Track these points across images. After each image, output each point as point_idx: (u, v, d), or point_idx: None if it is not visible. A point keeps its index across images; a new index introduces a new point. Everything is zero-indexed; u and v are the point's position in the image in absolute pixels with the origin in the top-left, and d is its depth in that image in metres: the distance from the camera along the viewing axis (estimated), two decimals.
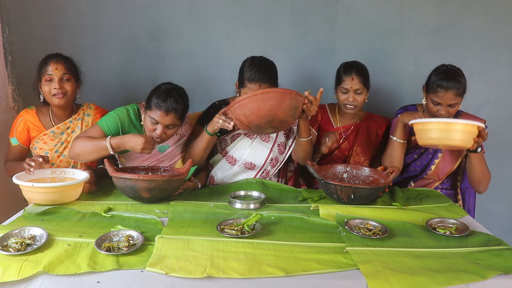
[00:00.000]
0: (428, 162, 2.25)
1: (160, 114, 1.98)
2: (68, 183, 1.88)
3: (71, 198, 1.92)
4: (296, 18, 2.71)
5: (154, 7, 2.69)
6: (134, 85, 2.74)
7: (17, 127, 2.20)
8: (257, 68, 2.07)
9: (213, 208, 1.90)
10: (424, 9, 2.68)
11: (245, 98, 1.88)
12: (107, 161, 1.93)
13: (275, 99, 1.87)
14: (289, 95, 1.89)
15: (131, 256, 1.41)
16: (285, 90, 1.90)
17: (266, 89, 1.90)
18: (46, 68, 2.12)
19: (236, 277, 1.31)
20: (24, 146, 2.22)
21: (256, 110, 1.88)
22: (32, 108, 2.24)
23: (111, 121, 2.09)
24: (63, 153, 2.22)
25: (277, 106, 1.87)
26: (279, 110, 1.88)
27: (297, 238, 1.60)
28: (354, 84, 2.23)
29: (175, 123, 2.03)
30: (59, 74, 2.12)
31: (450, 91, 2.03)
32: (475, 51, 2.71)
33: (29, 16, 2.66)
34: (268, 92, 1.87)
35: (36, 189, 1.83)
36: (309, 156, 2.21)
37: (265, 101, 1.86)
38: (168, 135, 2.06)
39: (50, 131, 2.20)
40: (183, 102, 2.03)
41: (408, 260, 1.45)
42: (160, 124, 2.00)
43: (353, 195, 1.92)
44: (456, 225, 1.73)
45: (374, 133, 2.40)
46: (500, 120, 2.73)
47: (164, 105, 1.96)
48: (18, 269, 1.31)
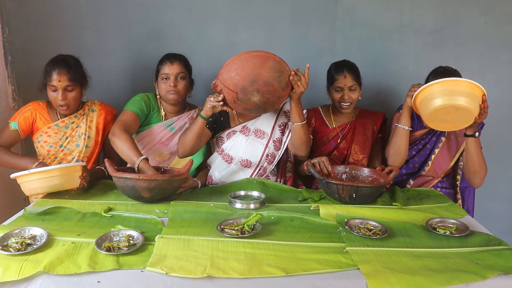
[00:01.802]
0: (426, 158, 2.27)
1: (167, 66, 2.24)
2: (64, 165, 1.93)
3: (70, 185, 1.95)
4: (296, 18, 2.71)
5: (154, 7, 2.69)
6: (134, 85, 2.74)
7: (22, 113, 2.18)
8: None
9: (213, 208, 1.90)
10: (424, 9, 2.68)
11: (230, 60, 1.94)
12: (107, 160, 1.94)
13: (258, 58, 1.91)
14: (273, 58, 1.94)
15: (131, 256, 1.41)
16: (268, 53, 1.94)
17: (246, 53, 1.94)
18: (50, 78, 2.10)
19: (236, 277, 1.31)
20: (20, 133, 2.19)
21: (240, 69, 1.92)
22: (43, 102, 2.25)
23: (138, 104, 2.26)
24: (67, 147, 2.23)
25: (261, 64, 1.91)
26: (262, 70, 1.91)
27: (297, 238, 1.60)
28: (347, 81, 2.26)
29: (182, 71, 2.25)
30: (62, 85, 2.10)
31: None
32: (475, 51, 2.71)
33: (29, 16, 2.66)
34: (252, 52, 1.93)
35: (34, 175, 1.85)
36: (305, 145, 2.19)
37: (248, 60, 1.91)
38: (181, 87, 2.26)
39: (55, 124, 2.21)
40: (183, 56, 2.31)
41: (408, 260, 1.45)
42: (170, 77, 2.23)
43: (355, 194, 1.92)
44: (456, 225, 1.73)
45: (370, 129, 2.42)
46: (500, 120, 2.73)
47: (168, 59, 2.25)
48: (18, 269, 1.31)
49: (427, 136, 2.28)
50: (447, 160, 2.26)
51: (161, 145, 2.32)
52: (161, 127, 2.32)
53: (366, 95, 2.39)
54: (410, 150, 2.28)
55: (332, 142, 2.41)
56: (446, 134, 2.25)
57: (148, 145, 2.31)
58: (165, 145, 2.33)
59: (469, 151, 2.10)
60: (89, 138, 2.25)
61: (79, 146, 2.23)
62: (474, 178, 2.16)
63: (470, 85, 1.84)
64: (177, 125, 2.35)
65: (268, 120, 2.27)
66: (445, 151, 2.25)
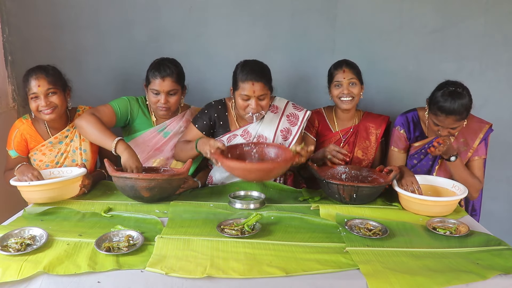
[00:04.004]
0: (429, 169, 2.23)
1: (158, 82, 2.12)
2: (63, 179, 1.89)
3: (70, 194, 1.93)
4: (296, 18, 2.71)
5: (154, 7, 2.69)
6: (134, 85, 2.72)
7: (14, 139, 2.10)
8: (249, 68, 2.08)
9: (213, 208, 1.90)
10: (424, 9, 2.68)
11: (232, 166, 1.86)
12: (107, 160, 1.93)
13: (262, 171, 1.87)
14: (278, 166, 1.88)
15: (131, 256, 1.41)
16: (271, 165, 1.87)
17: (252, 166, 1.87)
18: (29, 86, 2.00)
19: (236, 277, 1.31)
20: (23, 156, 2.14)
21: (243, 177, 1.92)
22: (27, 118, 2.14)
23: (122, 103, 2.22)
24: (64, 164, 2.15)
25: (265, 176, 1.90)
26: (266, 178, 1.92)
27: (297, 238, 1.60)
28: (346, 75, 2.23)
29: (174, 88, 2.15)
30: (43, 90, 1.99)
31: (451, 117, 1.97)
32: (475, 51, 2.71)
33: (29, 16, 2.66)
34: (254, 169, 1.86)
35: (33, 187, 1.84)
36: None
37: (252, 173, 1.87)
38: (172, 103, 2.17)
39: (48, 141, 2.12)
40: (175, 66, 2.17)
41: (408, 260, 1.45)
42: (161, 93, 2.12)
43: (355, 194, 1.92)
44: (456, 225, 1.73)
45: (374, 134, 2.37)
46: (500, 120, 2.72)
47: (159, 73, 2.12)
48: (18, 269, 1.31)
49: (428, 146, 2.18)
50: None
51: (157, 151, 2.27)
52: (153, 132, 2.27)
53: (366, 95, 2.38)
54: (411, 159, 2.26)
55: None
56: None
57: (143, 153, 2.25)
58: (161, 150, 2.28)
59: (451, 170, 2.10)
60: (84, 152, 2.18)
61: (75, 161, 2.17)
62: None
63: (446, 203, 1.90)
64: (171, 129, 2.29)
65: (270, 125, 2.22)
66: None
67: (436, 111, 2.00)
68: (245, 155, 2.07)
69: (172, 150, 2.29)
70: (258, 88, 2.04)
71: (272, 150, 2.08)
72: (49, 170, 2.04)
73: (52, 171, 2.05)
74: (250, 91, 2.04)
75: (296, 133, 2.23)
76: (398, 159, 2.26)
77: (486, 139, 2.16)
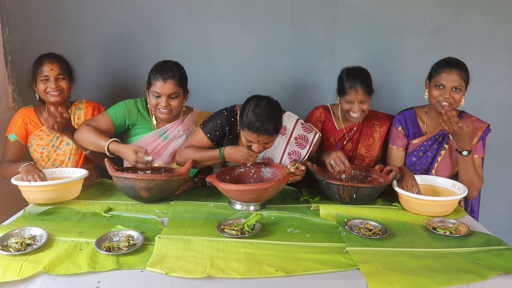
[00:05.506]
0: (428, 167, 2.24)
1: (159, 84, 2.08)
2: (65, 181, 1.89)
3: (70, 196, 1.93)
4: (296, 18, 2.71)
5: (154, 7, 2.69)
6: (134, 85, 2.73)
7: (15, 123, 2.23)
8: (258, 116, 1.88)
9: (213, 208, 1.90)
10: (424, 9, 2.68)
11: (227, 189, 1.85)
12: (107, 160, 1.94)
13: (255, 193, 1.85)
14: (270, 189, 1.85)
15: (131, 256, 1.42)
16: (264, 186, 1.82)
17: (245, 187, 1.85)
18: (42, 69, 2.16)
19: (236, 277, 1.31)
20: (21, 142, 2.24)
21: (238, 199, 1.91)
22: (30, 106, 2.30)
23: (119, 109, 2.21)
24: (59, 147, 2.26)
25: (259, 196, 1.88)
26: (261, 198, 1.90)
27: (297, 238, 1.60)
28: (359, 95, 2.17)
29: (176, 91, 2.11)
30: (54, 74, 2.16)
31: (454, 72, 2.05)
32: (475, 51, 2.71)
33: (29, 16, 2.66)
34: (247, 190, 1.84)
35: (35, 188, 1.84)
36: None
37: (245, 195, 1.86)
38: (174, 106, 2.14)
39: (46, 126, 2.23)
40: (178, 69, 2.14)
41: (408, 260, 1.45)
42: (162, 96, 2.09)
43: (355, 194, 1.92)
44: (456, 225, 1.73)
45: (378, 132, 2.35)
46: (500, 120, 2.73)
47: (161, 75, 2.08)
48: (18, 269, 1.31)
49: (427, 143, 2.22)
50: (450, 168, 2.22)
51: (155, 155, 2.23)
52: (154, 136, 2.23)
53: None
54: (410, 156, 2.27)
55: (338, 143, 2.36)
56: (448, 142, 2.21)
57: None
58: (159, 154, 2.25)
59: (459, 165, 2.10)
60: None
61: (69, 144, 2.26)
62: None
63: (445, 203, 1.91)
64: (171, 134, 2.24)
65: (277, 147, 2.14)
66: (448, 159, 2.21)
67: (439, 70, 2.09)
68: (244, 176, 2.07)
69: (171, 155, 2.26)
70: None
71: (269, 170, 2.08)
72: (51, 169, 2.05)
73: (54, 171, 2.06)
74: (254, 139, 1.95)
75: (305, 156, 2.16)
76: (397, 157, 2.26)
77: (483, 138, 2.17)
